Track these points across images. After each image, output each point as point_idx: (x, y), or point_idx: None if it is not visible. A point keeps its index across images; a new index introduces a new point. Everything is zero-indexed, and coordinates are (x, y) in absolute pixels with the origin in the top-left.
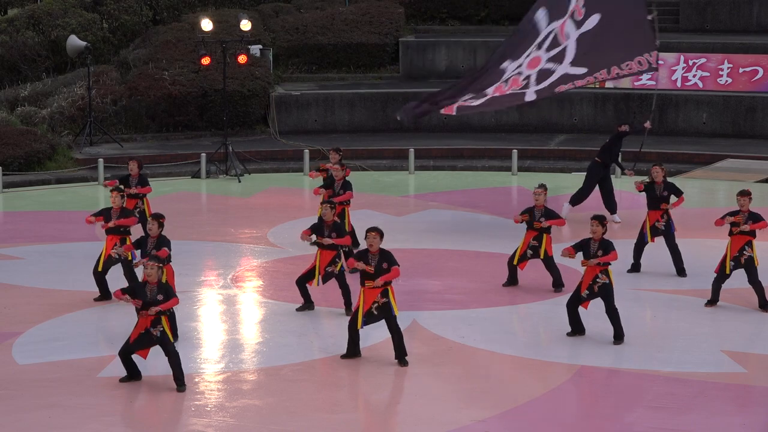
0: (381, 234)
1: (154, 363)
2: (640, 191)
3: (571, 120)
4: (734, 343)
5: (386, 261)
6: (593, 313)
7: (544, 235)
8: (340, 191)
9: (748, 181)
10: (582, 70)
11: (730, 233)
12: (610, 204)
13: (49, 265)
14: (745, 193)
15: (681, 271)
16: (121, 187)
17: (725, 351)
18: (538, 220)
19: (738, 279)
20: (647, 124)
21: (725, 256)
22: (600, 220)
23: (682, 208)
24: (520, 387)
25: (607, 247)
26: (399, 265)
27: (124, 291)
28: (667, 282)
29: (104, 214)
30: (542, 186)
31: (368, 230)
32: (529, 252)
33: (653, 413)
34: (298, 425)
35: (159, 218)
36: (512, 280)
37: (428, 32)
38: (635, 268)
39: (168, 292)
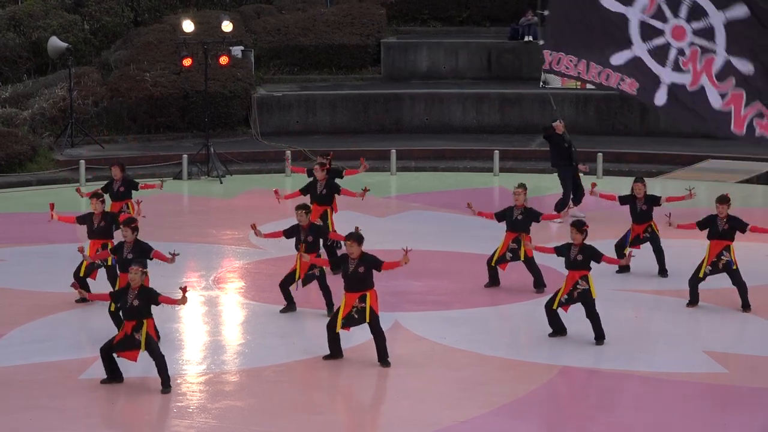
0: (358, 240)
1: (135, 365)
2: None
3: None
4: (716, 343)
5: (363, 265)
6: (574, 314)
7: (523, 238)
8: (323, 191)
9: (729, 182)
10: (747, 66)
11: (709, 237)
12: (577, 197)
13: (31, 266)
14: (723, 200)
15: (663, 272)
16: (100, 192)
17: (707, 351)
18: (515, 219)
19: (720, 279)
20: (583, 168)
21: (703, 261)
22: (578, 226)
23: (665, 209)
24: (503, 387)
25: (590, 253)
26: (376, 263)
27: (111, 295)
28: (649, 282)
29: (87, 219)
30: (522, 186)
31: (346, 237)
32: (509, 255)
33: (635, 414)
34: (280, 426)
35: (131, 224)
36: (494, 281)
37: (410, 33)
38: (623, 268)
39: (149, 296)
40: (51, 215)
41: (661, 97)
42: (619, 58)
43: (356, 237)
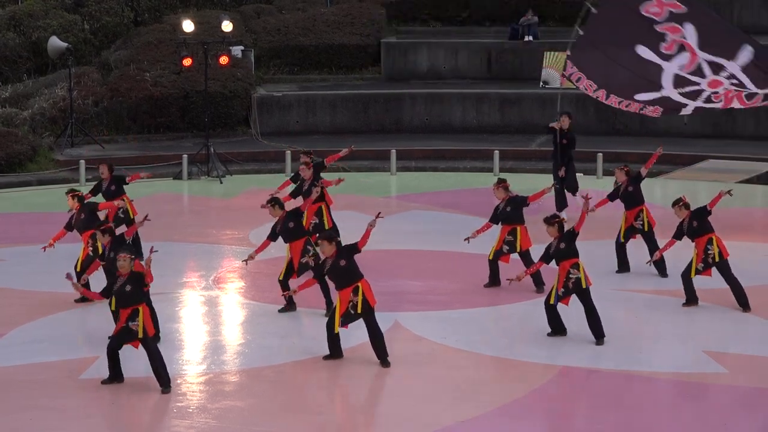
0: (328, 239)
1: (136, 364)
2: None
3: (552, 121)
4: (715, 343)
5: (343, 258)
6: (573, 313)
7: (519, 229)
8: (310, 188)
9: (729, 182)
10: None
11: (690, 239)
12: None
13: (31, 266)
14: (675, 204)
15: (662, 272)
16: (78, 193)
17: (706, 351)
18: (503, 212)
19: (719, 279)
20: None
21: (693, 260)
22: (548, 221)
23: (663, 209)
24: (502, 387)
25: (569, 236)
26: (358, 246)
27: (104, 292)
28: (648, 282)
29: (70, 220)
30: (498, 182)
31: (318, 237)
32: (505, 247)
33: (634, 413)
34: (280, 426)
35: (105, 233)
36: (494, 281)
37: (410, 33)
38: (623, 268)
39: (137, 281)
40: (50, 244)
41: (686, 110)
42: (645, 96)
43: (326, 236)
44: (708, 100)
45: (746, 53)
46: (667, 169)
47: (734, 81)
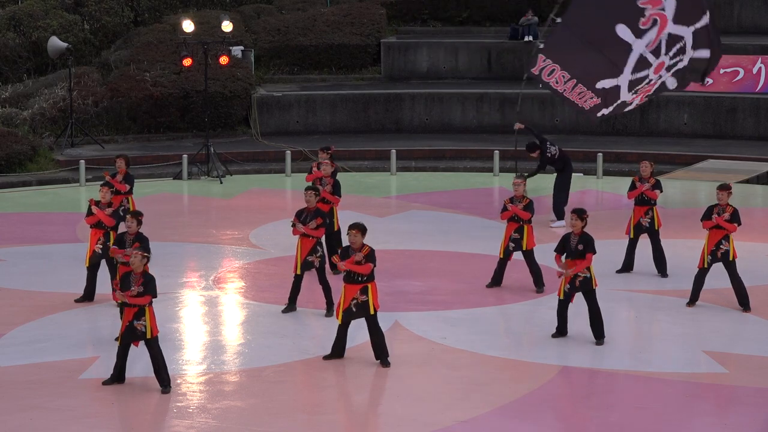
0: (362, 230)
1: (135, 365)
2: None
3: (552, 121)
4: (715, 343)
5: (364, 257)
6: (575, 312)
7: (526, 227)
8: (327, 187)
9: (729, 182)
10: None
11: (706, 219)
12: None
13: (31, 266)
14: (724, 188)
15: (663, 272)
16: (111, 183)
17: (707, 351)
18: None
19: (719, 279)
20: (517, 126)
21: (703, 250)
22: (579, 213)
23: (664, 209)
24: (503, 388)
25: (587, 243)
26: (374, 263)
27: (118, 283)
28: (649, 282)
29: (89, 212)
30: (521, 176)
31: (350, 227)
32: (512, 245)
33: (635, 413)
34: (280, 426)
35: (137, 216)
36: (496, 281)
37: (410, 33)
38: (625, 268)
39: (147, 284)
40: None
41: (605, 111)
42: (603, 84)
43: (361, 227)
44: (637, 92)
45: (704, 19)
46: (667, 169)
47: (677, 59)
